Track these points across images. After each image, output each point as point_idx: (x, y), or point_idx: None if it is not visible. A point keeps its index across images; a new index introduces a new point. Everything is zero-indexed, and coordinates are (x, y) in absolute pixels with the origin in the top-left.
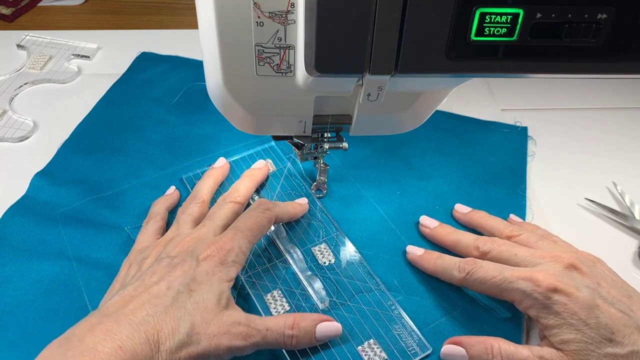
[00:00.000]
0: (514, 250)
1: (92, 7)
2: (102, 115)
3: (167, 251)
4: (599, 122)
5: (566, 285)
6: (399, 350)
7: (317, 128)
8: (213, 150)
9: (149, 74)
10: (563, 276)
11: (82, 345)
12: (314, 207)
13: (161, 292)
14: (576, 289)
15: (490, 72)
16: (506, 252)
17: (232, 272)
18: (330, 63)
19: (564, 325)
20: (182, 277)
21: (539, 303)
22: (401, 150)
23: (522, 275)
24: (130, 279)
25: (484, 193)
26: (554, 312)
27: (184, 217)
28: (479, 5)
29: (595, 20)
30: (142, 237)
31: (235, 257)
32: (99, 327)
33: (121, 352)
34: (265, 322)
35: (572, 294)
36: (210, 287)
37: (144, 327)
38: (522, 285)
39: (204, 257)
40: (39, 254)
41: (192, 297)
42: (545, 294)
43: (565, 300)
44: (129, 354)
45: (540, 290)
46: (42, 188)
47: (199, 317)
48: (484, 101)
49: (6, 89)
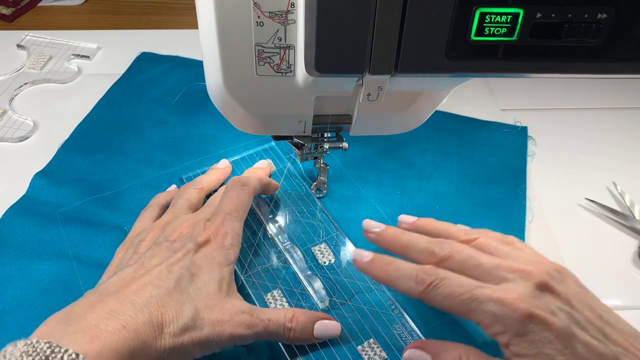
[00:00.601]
0: (477, 258)
1: (92, 7)
2: (102, 115)
3: (166, 235)
4: (599, 122)
5: (542, 311)
6: (399, 350)
7: (317, 128)
8: (213, 151)
9: (149, 74)
10: (538, 299)
11: (83, 322)
12: (314, 207)
13: (163, 274)
14: (552, 315)
15: (490, 72)
16: (468, 260)
17: (231, 254)
18: (330, 63)
19: (539, 356)
20: (182, 261)
21: (512, 330)
22: (401, 150)
23: (493, 296)
24: (128, 262)
25: (484, 193)
26: (528, 340)
27: (181, 201)
28: (479, 5)
29: (595, 20)
30: (138, 223)
31: (232, 239)
32: (100, 306)
33: (125, 331)
34: (268, 313)
35: (549, 321)
36: (210, 272)
37: (147, 308)
38: (492, 308)
39: (202, 241)
40: (39, 254)
41: (194, 282)
42: (521, 320)
43: (541, 328)
44: (132, 333)
45: (515, 316)
46: (42, 188)
47: (202, 302)
48: (484, 101)
49: (6, 89)
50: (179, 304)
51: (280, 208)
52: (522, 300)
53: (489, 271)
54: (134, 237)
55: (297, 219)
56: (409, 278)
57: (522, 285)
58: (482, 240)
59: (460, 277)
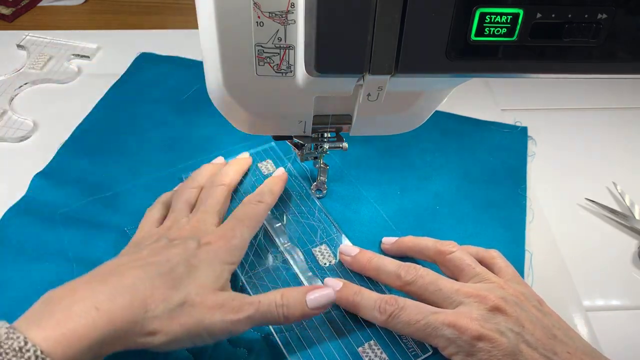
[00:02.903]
0: (438, 284)
1: (92, 7)
2: (102, 115)
3: (167, 235)
4: (599, 122)
5: (490, 331)
6: (400, 351)
7: (317, 128)
8: (213, 151)
9: (149, 74)
10: (487, 320)
11: (59, 304)
12: (314, 207)
13: (158, 262)
14: (500, 334)
15: (490, 72)
16: (430, 285)
17: (234, 255)
18: (330, 63)
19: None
20: (182, 254)
21: (463, 351)
22: (401, 150)
23: (446, 321)
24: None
25: (484, 193)
26: (477, 359)
27: (180, 204)
28: (479, 5)
29: (595, 20)
30: (143, 223)
31: (238, 242)
32: (83, 287)
33: (95, 313)
34: (257, 296)
35: (496, 340)
36: (209, 266)
37: (130, 290)
38: (446, 332)
39: (205, 241)
40: (39, 254)
41: (191, 272)
42: (470, 341)
43: (489, 347)
44: (105, 316)
45: (464, 337)
46: (42, 189)
47: (194, 290)
48: (484, 101)
49: (6, 89)
50: (169, 289)
51: (280, 208)
52: (472, 321)
53: (447, 297)
54: (141, 238)
55: (297, 219)
56: (373, 308)
57: (475, 307)
58: (457, 254)
59: (419, 305)
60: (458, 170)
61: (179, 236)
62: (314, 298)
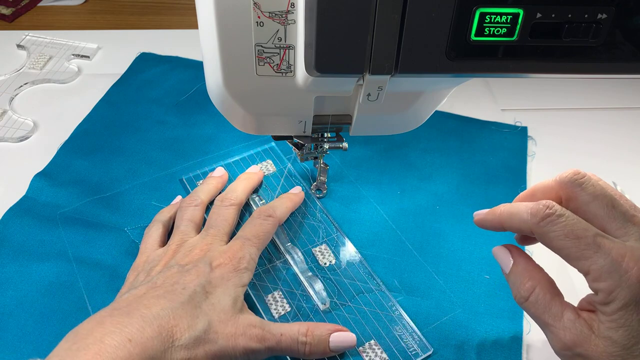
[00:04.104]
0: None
1: (92, 7)
2: (102, 115)
3: (177, 259)
4: (599, 122)
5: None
6: (400, 351)
7: (317, 128)
8: (213, 151)
9: (149, 74)
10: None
11: (89, 338)
12: (314, 207)
13: (176, 290)
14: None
15: (490, 72)
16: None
17: (245, 278)
18: (330, 63)
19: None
20: (197, 280)
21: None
22: (401, 150)
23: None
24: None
25: (484, 193)
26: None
27: (185, 223)
28: (479, 5)
29: (595, 20)
30: (145, 245)
31: (247, 264)
32: (109, 320)
33: (130, 345)
34: (280, 327)
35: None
36: (225, 290)
37: (157, 321)
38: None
39: (217, 265)
40: (39, 255)
41: (208, 298)
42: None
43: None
44: (138, 347)
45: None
46: (42, 189)
47: (216, 316)
48: (484, 101)
49: (6, 89)
50: (192, 317)
51: None
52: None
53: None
54: (144, 262)
55: (298, 220)
56: (524, 211)
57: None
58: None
59: (580, 219)
60: (458, 170)
61: (189, 261)
62: (338, 341)
